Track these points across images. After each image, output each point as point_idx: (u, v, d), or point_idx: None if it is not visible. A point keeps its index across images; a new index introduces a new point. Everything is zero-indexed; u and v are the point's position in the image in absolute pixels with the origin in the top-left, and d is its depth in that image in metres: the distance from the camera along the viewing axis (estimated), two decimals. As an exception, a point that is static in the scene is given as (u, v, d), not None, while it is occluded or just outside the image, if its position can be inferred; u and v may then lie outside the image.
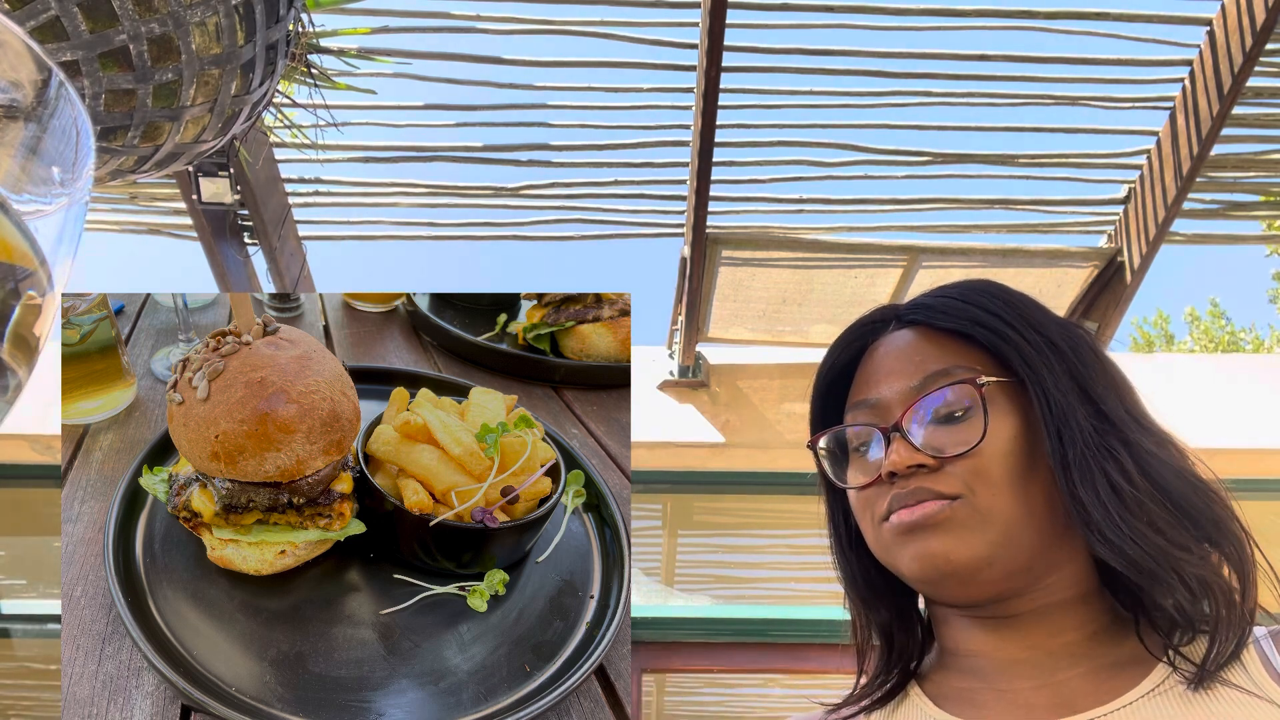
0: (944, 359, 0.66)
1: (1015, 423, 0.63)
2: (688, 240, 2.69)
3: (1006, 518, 0.61)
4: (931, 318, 0.69)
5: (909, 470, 0.62)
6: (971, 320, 0.66)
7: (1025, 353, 0.64)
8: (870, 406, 0.68)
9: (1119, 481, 0.60)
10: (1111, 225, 2.85)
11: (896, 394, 0.66)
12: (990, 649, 0.65)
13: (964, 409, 0.63)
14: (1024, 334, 0.65)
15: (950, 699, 0.65)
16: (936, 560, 0.61)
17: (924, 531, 0.61)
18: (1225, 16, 2.32)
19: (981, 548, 0.60)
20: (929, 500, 0.62)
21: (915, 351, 0.67)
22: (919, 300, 0.71)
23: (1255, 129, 2.59)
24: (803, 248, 2.76)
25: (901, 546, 0.63)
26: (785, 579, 3.28)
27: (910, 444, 0.63)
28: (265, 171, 2.52)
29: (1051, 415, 0.62)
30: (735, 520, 3.32)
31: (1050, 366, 0.63)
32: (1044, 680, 0.62)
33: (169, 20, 1.00)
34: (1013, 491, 0.61)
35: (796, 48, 2.42)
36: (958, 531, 0.61)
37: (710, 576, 3.31)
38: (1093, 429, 0.61)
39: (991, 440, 0.62)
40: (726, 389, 3.12)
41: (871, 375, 0.69)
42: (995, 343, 0.65)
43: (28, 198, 0.27)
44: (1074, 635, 0.63)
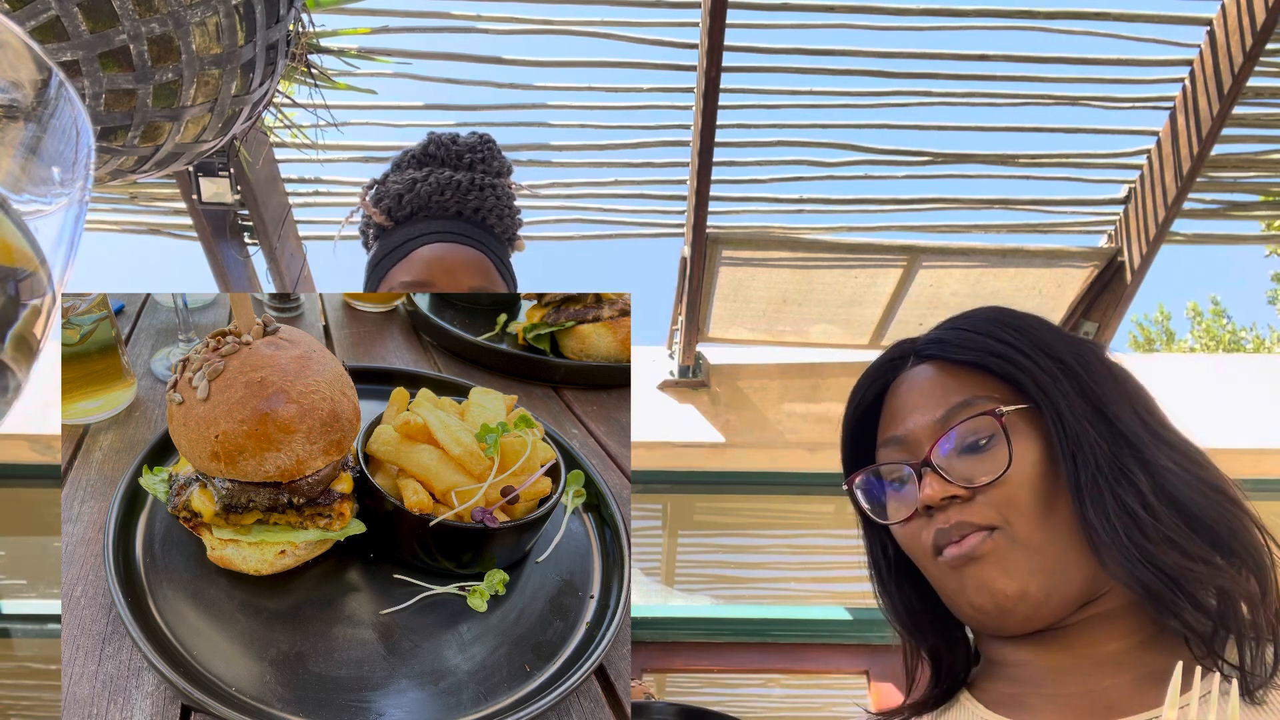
0: (964, 390, 0.67)
1: (1038, 448, 0.64)
2: (688, 240, 2.69)
3: (1045, 544, 0.61)
4: (947, 351, 0.70)
5: (943, 502, 0.63)
6: (986, 351, 0.67)
7: (1039, 379, 0.65)
8: (899, 443, 0.69)
9: (1131, 504, 0.60)
10: (1111, 225, 2.85)
11: (922, 428, 0.67)
12: (1037, 659, 0.65)
13: (987, 438, 0.64)
14: (1036, 360, 0.66)
15: (1000, 703, 0.66)
16: (994, 594, 0.62)
17: (975, 564, 0.62)
18: (1225, 16, 2.32)
19: (1028, 578, 0.61)
20: (971, 533, 0.63)
21: (936, 385, 0.69)
22: (933, 335, 0.73)
23: (1255, 129, 2.59)
24: (803, 248, 2.76)
25: (960, 582, 0.64)
26: (785, 579, 3.28)
27: (941, 477, 0.64)
28: (265, 171, 2.52)
29: (1066, 439, 0.63)
30: (735, 520, 3.32)
31: (1063, 390, 0.64)
32: (1090, 686, 0.62)
33: (169, 20, 1.00)
34: (1043, 517, 0.62)
35: (796, 48, 2.42)
36: (1003, 563, 0.61)
37: (710, 576, 3.31)
38: (1108, 449, 0.62)
39: (1017, 468, 0.63)
40: (726, 389, 3.12)
41: (897, 411, 0.70)
42: (1010, 371, 0.66)
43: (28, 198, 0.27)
44: (1119, 645, 0.63)
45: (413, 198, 1.14)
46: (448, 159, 1.17)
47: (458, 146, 1.18)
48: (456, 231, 1.14)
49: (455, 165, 1.17)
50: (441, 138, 1.18)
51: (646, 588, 3.02)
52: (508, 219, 1.20)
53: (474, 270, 1.12)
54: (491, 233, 1.18)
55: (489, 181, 1.17)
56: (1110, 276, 2.81)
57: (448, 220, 1.15)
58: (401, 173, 1.17)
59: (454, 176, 1.15)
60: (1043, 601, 0.61)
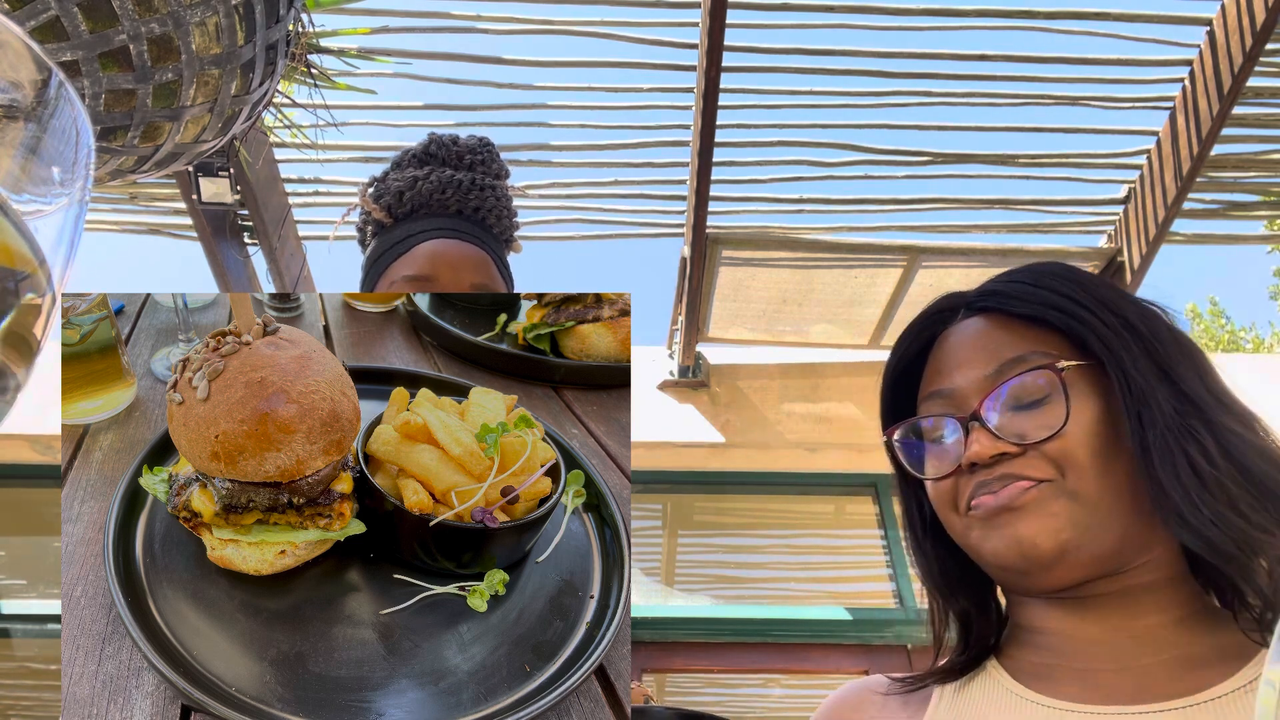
0: (1018, 345, 0.65)
1: (1097, 405, 0.62)
2: (688, 240, 2.69)
3: (1094, 500, 0.60)
4: (1004, 304, 0.68)
5: (991, 459, 0.61)
6: (1046, 304, 0.65)
7: (1103, 335, 0.63)
8: (945, 396, 0.66)
9: (1199, 463, 0.58)
10: (1111, 225, 2.85)
11: (971, 382, 0.65)
12: (1069, 628, 0.63)
13: (1043, 395, 0.62)
14: (1100, 316, 0.64)
15: (1027, 674, 0.64)
16: (1023, 545, 0.60)
17: (1009, 514, 0.60)
18: (1225, 16, 2.32)
19: (1067, 531, 0.59)
20: (1015, 482, 0.60)
21: (988, 339, 0.66)
22: (989, 287, 0.70)
23: (1255, 129, 2.59)
24: (803, 248, 2.76)
25: (986, 534, 0.62)
26: (785, 579, 3.28)
27: (991, 432, 0.62)
28: (265, 171, 2.52)
29: (1132, 397, 0.61)
30: (735, 520, 3.32)
31: (1129, 348, 0.62)
32: (1124, 664, 0.60)
33: (169, 20, 1.00)
34: (1100, 474, 0.60)
35: (796, 48, 2.42)
36: (1042, 515, 0.60)
37: (710, 576, 3.31)
38: (1174, 410, 0.60)
39: (1075, 424, 0.61)
40: (726, 389, 3.12)
41: (944, 365, 0.68)
42: (1072, 326, 0.64)
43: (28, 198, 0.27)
44: (1156, 619, 0.61)
45: (414, 195, 1.15)
46: (449, 159, 1.18)
47: (459, 147, 1.19)
48: (458, 229, 1.14)
49: (456, 165, 1.18)
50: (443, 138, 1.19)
51: (646, 588, 3.02)
52: (506, 220, 1.21)
53: (475, 267, 1.12)
54: (490, 232, 1.19)
55: (489, 182, 1.18)
56: (1110, 276, 2.81)
57: (449, 218, 1.15)
58: (402, 171, 1.17)
59: (455, 175, 1.16)
60: (1071, 553, 0.59)
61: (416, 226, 1.14)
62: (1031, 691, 0.61)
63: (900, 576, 2.91)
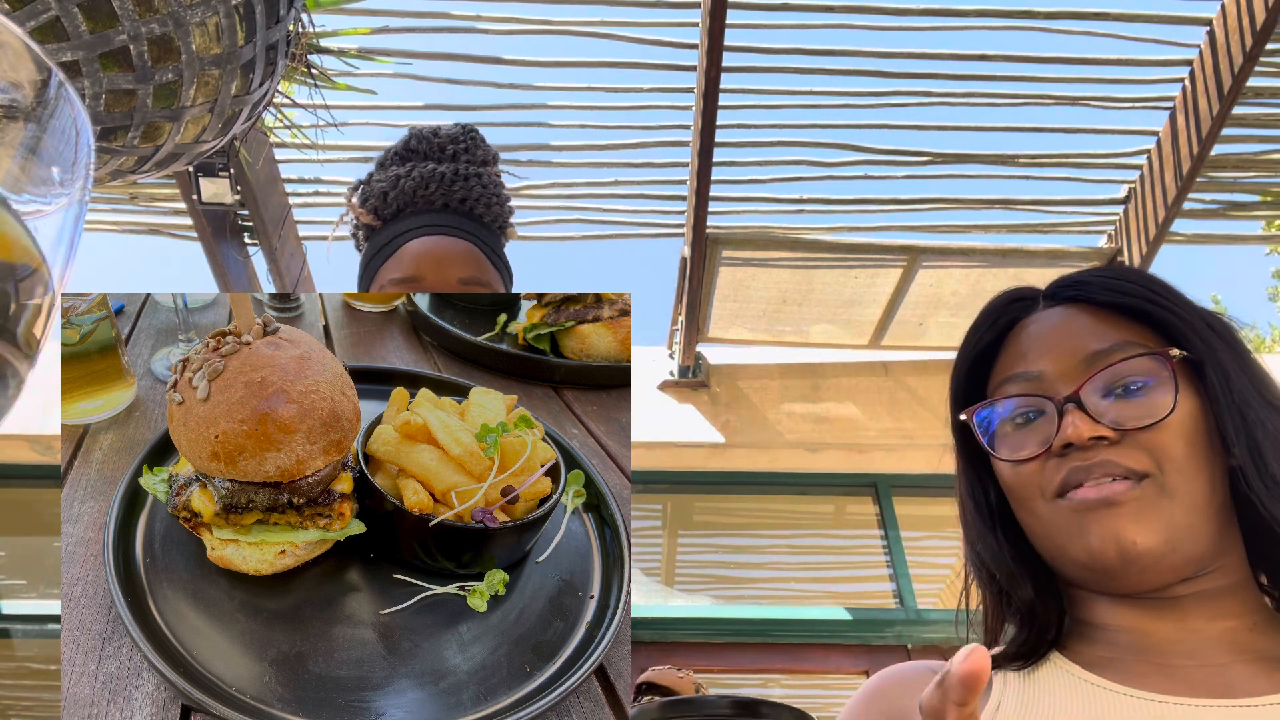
0: (1108, 335, 0.64)
1: (1194, 400, 0.61)
2: (688, 240, 2.69)
3: (1191, 498, 0.59)
4: (1091, 293, 0.67)
5: (1088, 442, 0.60)
6: (1142, 298, 0.65)
7: (1201, 332, 0.62)
8: (1031, 379, 0.65)
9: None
10: (1111, 225, 2.85)
11: (1060, 368, 0.64)
12: (1143, 626, 0.62)
13: (1143, 383, 0.61)
14: (1192, 316, 0.64)
15: (1098, 665, 0.62)
16: (1122, 544, 0.58)
17: (1108, 510, 0.59)
18: (1225, 16, 2.32)
19: (1167, 531, 0.58)
20: (1118, 478, 0.59)
21: (1076, 327, 0.66)
22: (1073, 278, 0.69)
23: (1255, 129, 2.59)
24: (803, 248, 2.76)
25: (1081, 526, 0.60)
26: (785, 579, 3.28)
27: (1089, 415, 0.60)
28: (265, 171, 2.52)
29: (1232, 395, 0.60)
30: (735, 520, 3.32)
31: (1222, 349, 0.62)
32: (1204, 661, 0.59)
33: (169, 20, 1.00)
34: (1197, 470, 0.59)
35: (796, 48, 2.43)
36: (1146, 514, 0.58)
37: (710, 577, 3.31)
38: (1271, 412, 0.60)
39: (1178, 415, 0.60)
40: (726, 389, 3.12)
41: (1028, 350, 0.67)
42: (1169, 320, 0.63)
43: (28, 198, 0.27)
44: (1233, 623, 0.61)
45: (397, 194, 1.13)
46: (430, 152, 1.16)
47: (439, 139, 1.16)
48: (443, 224, 1.13)
49: (438, 158, 1.16)
50: (423, 131, 1.16)
51: (646, 588, 3.02)
52: (496, 207, 1.18)
53: (463, 261, 1.11)
54: (480, 222, 1.17)
55: (473, 171, 1.16)
56: (1110, 276, 2.81)
57: (434, 214, 1.14)
58: (385, 170, 1.16)
59: (437, 169, 1.14)
60: (1168, 556, 0.58)
61: (402, 226, 1.13)
62: (1107, 680, 0.60)
63: (900, 577, 2.91)
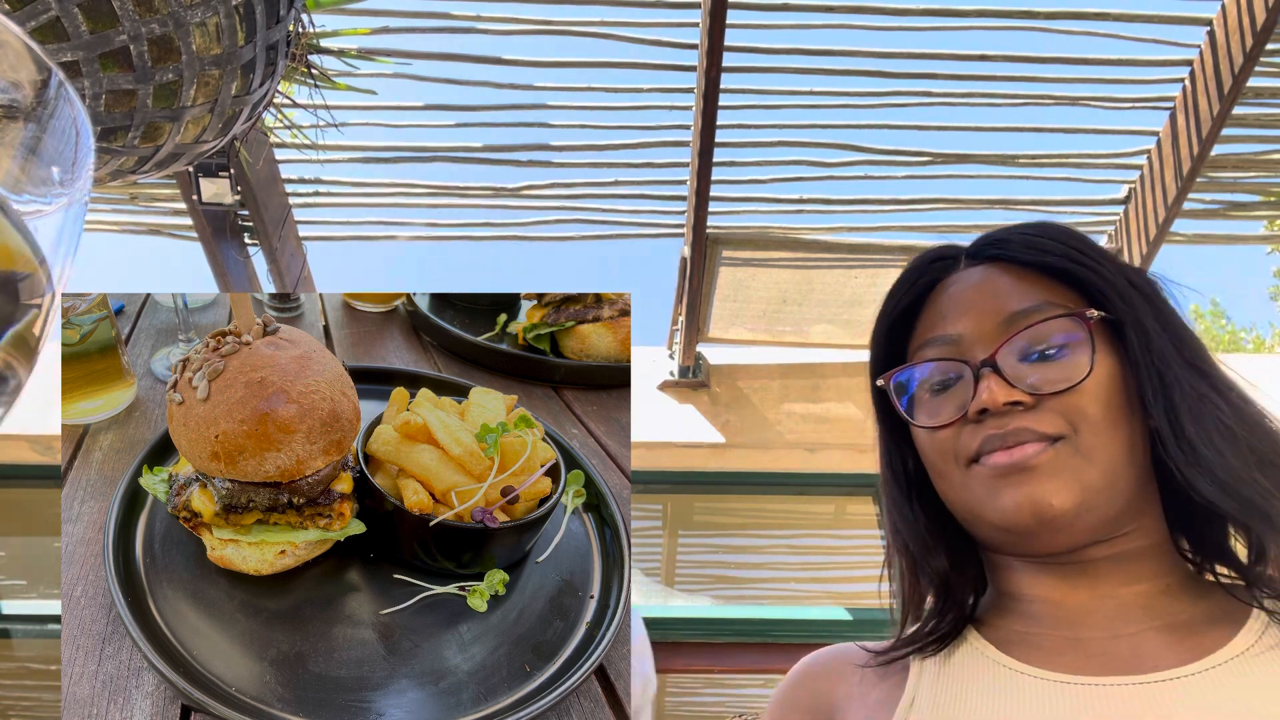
0: (1028, 295, 0.62)
1: (1113, 361, 0.60)
2: (688, 240, 2.69)
3: (1107, 460, 0.58)
4: (1012, 251, 0.65)
5: (1004, 408, 0.59)
6: (1063, 255, 0.63)
7: (1122, 291, 0.61)
8: (950, 343, 0.64)
9: (1226, 421, 0.57)
10: (1112, 225, 2.85)
11: (978, 330, 0.62)
12: (1058, 595, 0.62)
13: (1059, 345, 0.60)
14: (1114, 274, 0.62)
15: (1013, 643, 0.61)
16: (1037, 506, 0.57)
17: (1023, 474, 0.58)
18: (1225, 16, 2.32)
19: (1082, 493, 0.57)
20: (1030, 442, 0.58)
21: (996, 287, 0.64)
22: (994, 236, 0.68)
23: (1255, 129, 2.59)
24: (803, 248, 2.76)
25: (994, 491, 0.59)
26: (785, 579, 3.28)
27: (1005, 380, 0.59)
28: (265, 172, 2.52)
29: (1151, 355, 0.60)
30: (735, 520, 3.32)
31: (1143, 308, 0.61)
32: (1116, 632, 0.59)
33: (169, 21, 1.00)
34: (1114, 432, 0.59)
35: (796, 48, 2.42)
36: (1060, 475, 0.57)
37: (710, 577, 3.31)
38: (1190, 373, 0.59)
39: (1095, 377, 0.59)
40: (727, 389, 3.12)
41: (947, 312, 0.65)
42: (1089, 278, 0.62)
43: (28, 198, 0.27)
44: (1147, 586, 0.60)
45: None
46: None
47: None
48: None
49: None
50: None
51: (646, 588, 3.02)
52: None
53: None
54: None
55: None
56: (1110, 276, 2.81)
57: None
58: None
59: None
60: (1082, 516, 0.58)
61: None
62: (1020, 662, 0.59)
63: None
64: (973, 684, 0.60)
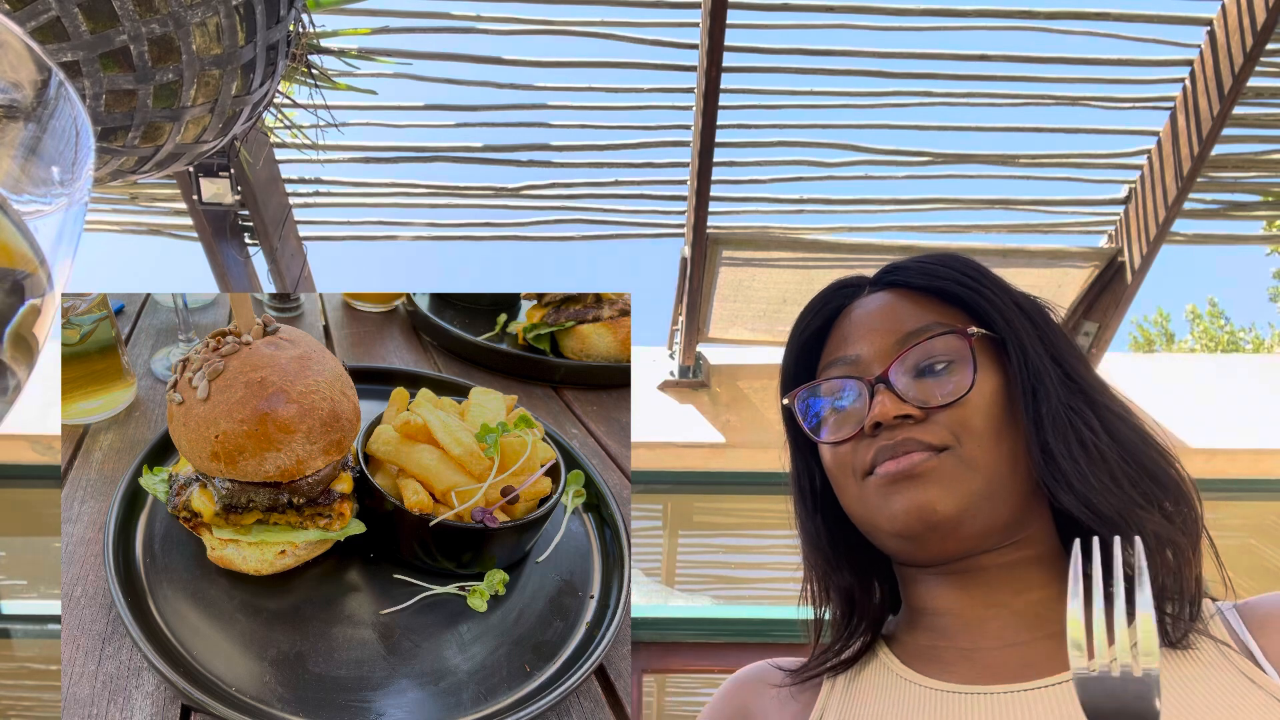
0: (922, 317, 0.68)
1: (996, 376, 0.65)
2: (688, 240, 2.69)
3: (990, 469, 0.62)
4: (909, 278, 0.71)
5: (895, 421, 0.63)
6: (948, 279, 0.69)
7: (1005, 311, 0.66)
8: (849, 363, 0.69)
9: (1087, 436, 0.62)
10: (1112, 225, 2.85)
11: (876, 350, 0.67)
12: (956, 607, 0.66)
13: (947, 361, 0.65)
14: (999, 295, 0.68)
15: (917, 657, 0.65)
16: (924, 511, 0.61)
17: (910, 482, 0.62)
18: (1225, 16, 2.32)
19: (965, 499, 0.61)
20: (916, 451, 0.62)
21: (893, 311, 0.69)
22: (893, 265, 0.73)
23: (1255, 129, 2.59)
24: (803, 248, 2.76)
25: (886, 499, 0.64)
26: (785, 579, 3.28)
27: (896, 395, 0.64)
28: (266, 172, 2.52)
29: (1028, 371, 0.64)
30: (735, 520, 3.32)
31: (1025, 327, 0.66)
32: (1008, 641, 0.63)
33: (169, 21, 1.00)
34: (996, 443, 0.63)
35: (796, 48, 2.42)
36: (944, 482, 0.62)
37: (710, 577, 3.31)
38: (1063, 389, 0.64)
39: (978, 391, 0.64)
40: (727, 389, 3.12)
41: (849, 334, 0.70)
42: (976, 301, 0.67)
43: (28, 198, 0.27)
44: (1038, 595, 0.64)
45: None
46: None
47: None
48: None
49: None
50: None
51: (646, 588, 3.02)
52: None
53: None
54: None
55: None
56: (1110, 277, 2.81)
57: None
58: None
59: None
60: (966, 523, 0.62)
61: None
62: (919, 675, 0.63)
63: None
64: (876, 699, 0.64)
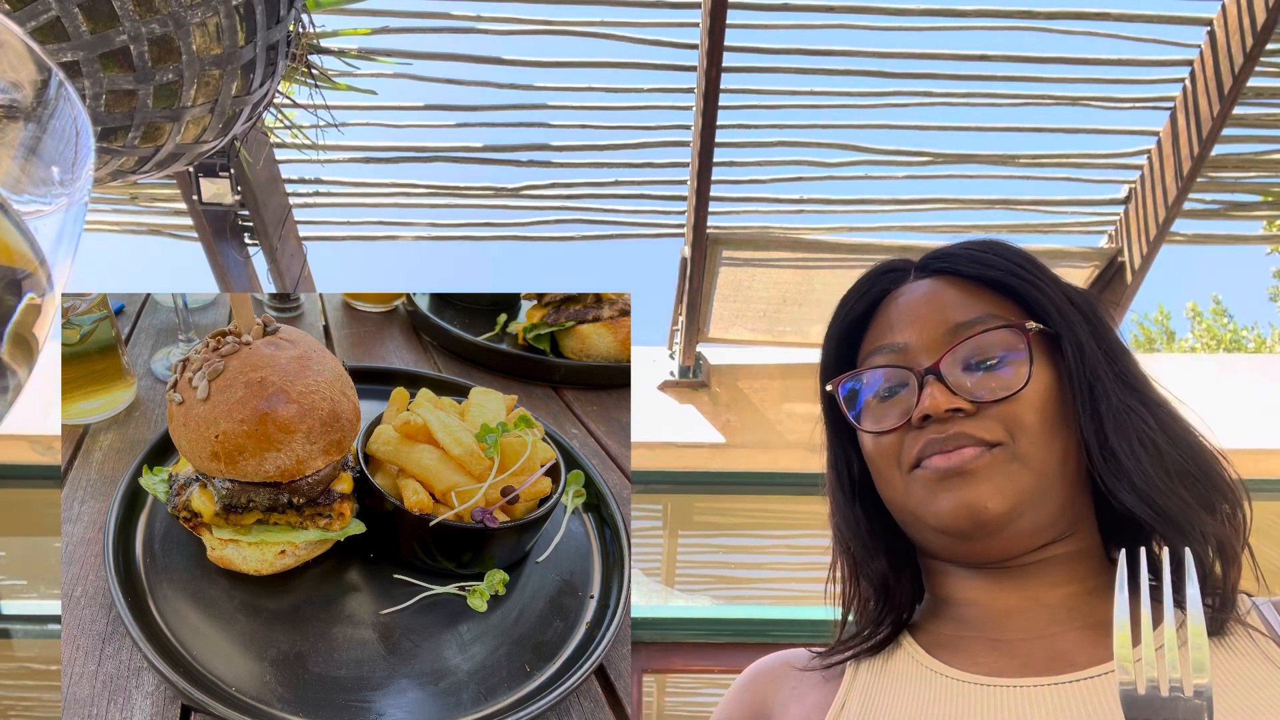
0: (972, 308, 0.66)
1: (1050, 372, 0.63)
2: (688, 240, 2.69)
3: (1041, 466, 0.61)
4: (958, 266, 0.68)
5: (945, 414, 0.61)
6: (1006, 271, 0.66)
7: (1059, 305, 0.64)
8: (896, 351, 0.67)
9: (1146, 434, 0.60)
10: (1112, 225, 2.85)
11: (924, 340, 0.65)
12: (986, 598, 0.64)
13: (999, 356, 0.63)
14: (1053, 290, 0.65)
15: (943, 647, 0.64)
16: (973, 509, 0.60)
17: (960, 478, 0.61)
18: (1225, 16, 2.32)
19: (1016, 497, 0.60)
20: (968, 446, 0.61)
21: (941, 299, 0.67)
22: (942, 251, 0.71)
23: (1255, 129, 2.59)
24: (803, 248, 2.76)
25: (934, 494, 0.62)
26: (785, 579, 3.28)
27: (947, 387, 0.62)
28: (265, 172, 2.52)
29: (1084, 367, 0.63)
30: (735, 520, 3.32)
31: (1079, 323, 0.64)
32: (1038, 633, 0.61)
33: (169, 21, 1.00)
34: (1049, 440, 0.61)
35: (796, 48, 2.42)
36: (996, 479, 0.60)
37: (711, 577, 3.31)
38: (1119, 385, 0.62)
39: (1032, 387, 0.62)
40: (727, 389, 3.12)
41: (895, 321, 0.68)
42: (1030, 293, 0.65)
43: (28, 198, 0.27)
44: (1072, 589, 0.63)
45: None
46: None
47: None
48: None
49: None
50: None
51: (646, 588, 3.02)
52: None
53: None
54: None
55: None
56: (1111, 276, 2.81)
57: None
58: None
59: None
60: (1016, 521, 0.60)
61: None
62: (944, 665, 0.62)
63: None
64: (900, 687, 0.63)
